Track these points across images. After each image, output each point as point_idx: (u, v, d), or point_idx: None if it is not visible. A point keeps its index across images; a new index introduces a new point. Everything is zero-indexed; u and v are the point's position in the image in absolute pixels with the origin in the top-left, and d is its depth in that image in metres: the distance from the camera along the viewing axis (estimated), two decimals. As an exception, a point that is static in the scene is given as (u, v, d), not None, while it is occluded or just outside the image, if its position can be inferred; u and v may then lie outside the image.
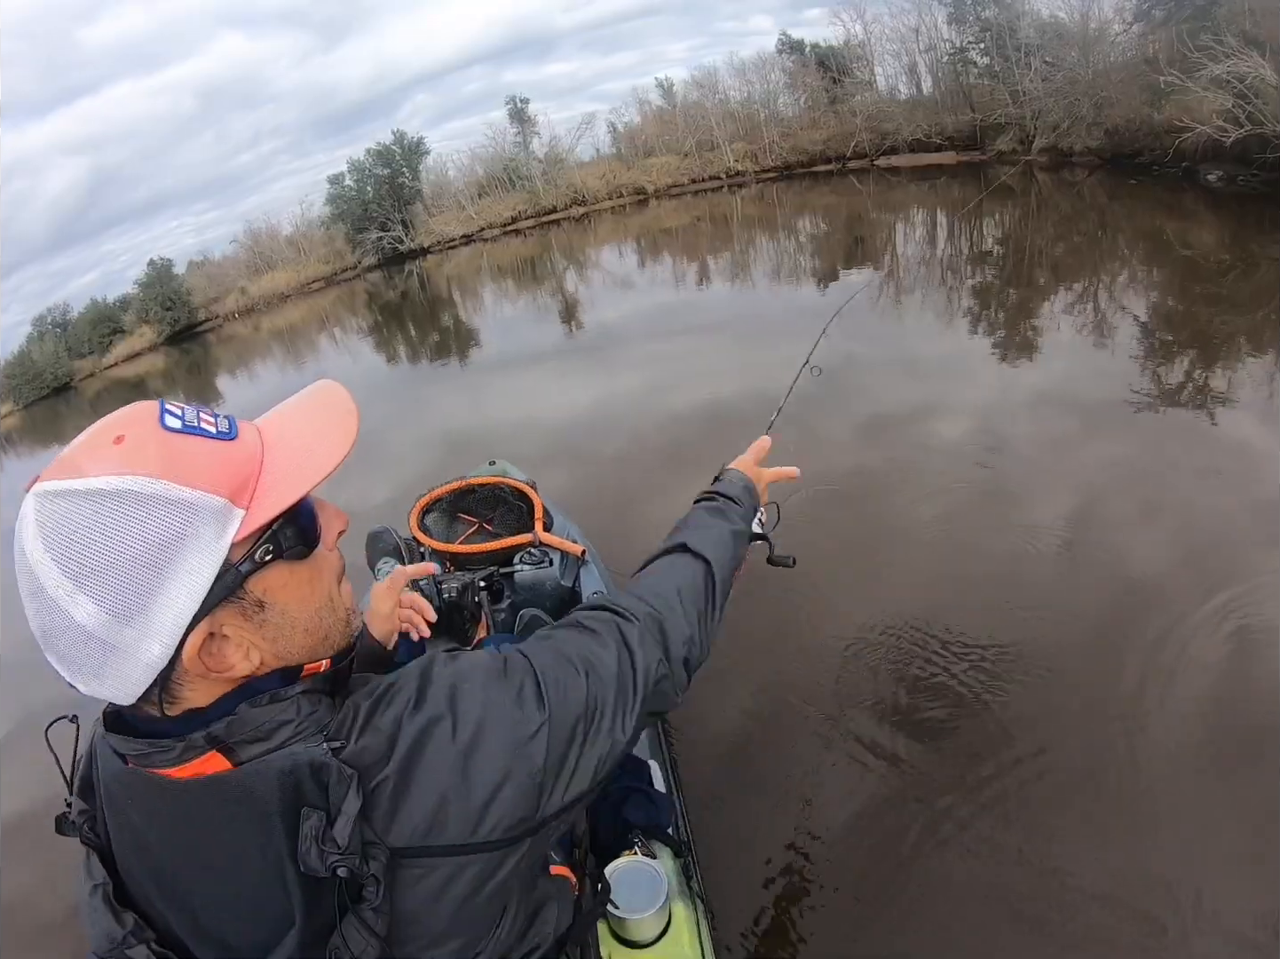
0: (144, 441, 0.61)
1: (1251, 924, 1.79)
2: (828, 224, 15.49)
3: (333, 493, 0.72)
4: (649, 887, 1.36)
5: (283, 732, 0.66)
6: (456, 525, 2.86)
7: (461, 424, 7.06)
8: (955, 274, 9.38)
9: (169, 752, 0.65)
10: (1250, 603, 2.72)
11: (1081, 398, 4.72)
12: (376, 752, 0.67)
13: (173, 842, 0.67)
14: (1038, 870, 1.95)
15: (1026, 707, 2.47)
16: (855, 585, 3.25)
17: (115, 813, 0.71)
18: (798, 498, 3.73)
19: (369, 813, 0.65)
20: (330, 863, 0.61)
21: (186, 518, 0.60)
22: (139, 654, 0.60)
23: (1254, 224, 8.75)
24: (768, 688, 2.76)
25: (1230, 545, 3.07)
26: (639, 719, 0.83)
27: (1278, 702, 2.30)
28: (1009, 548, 3.34)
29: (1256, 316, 5.69)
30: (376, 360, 13.29)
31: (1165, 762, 2.22)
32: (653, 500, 4.23)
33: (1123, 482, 3.72)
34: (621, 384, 7.07)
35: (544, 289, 15.90)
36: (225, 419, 0.68)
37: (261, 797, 0.63)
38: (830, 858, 2.12)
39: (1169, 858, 1.96)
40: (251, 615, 0.66)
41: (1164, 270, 7.86)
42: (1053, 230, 11.05)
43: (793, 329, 6.24)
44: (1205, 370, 4.95)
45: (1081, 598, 2.95)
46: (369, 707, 0.70)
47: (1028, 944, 1.83)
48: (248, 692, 0.67)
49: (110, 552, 0.58)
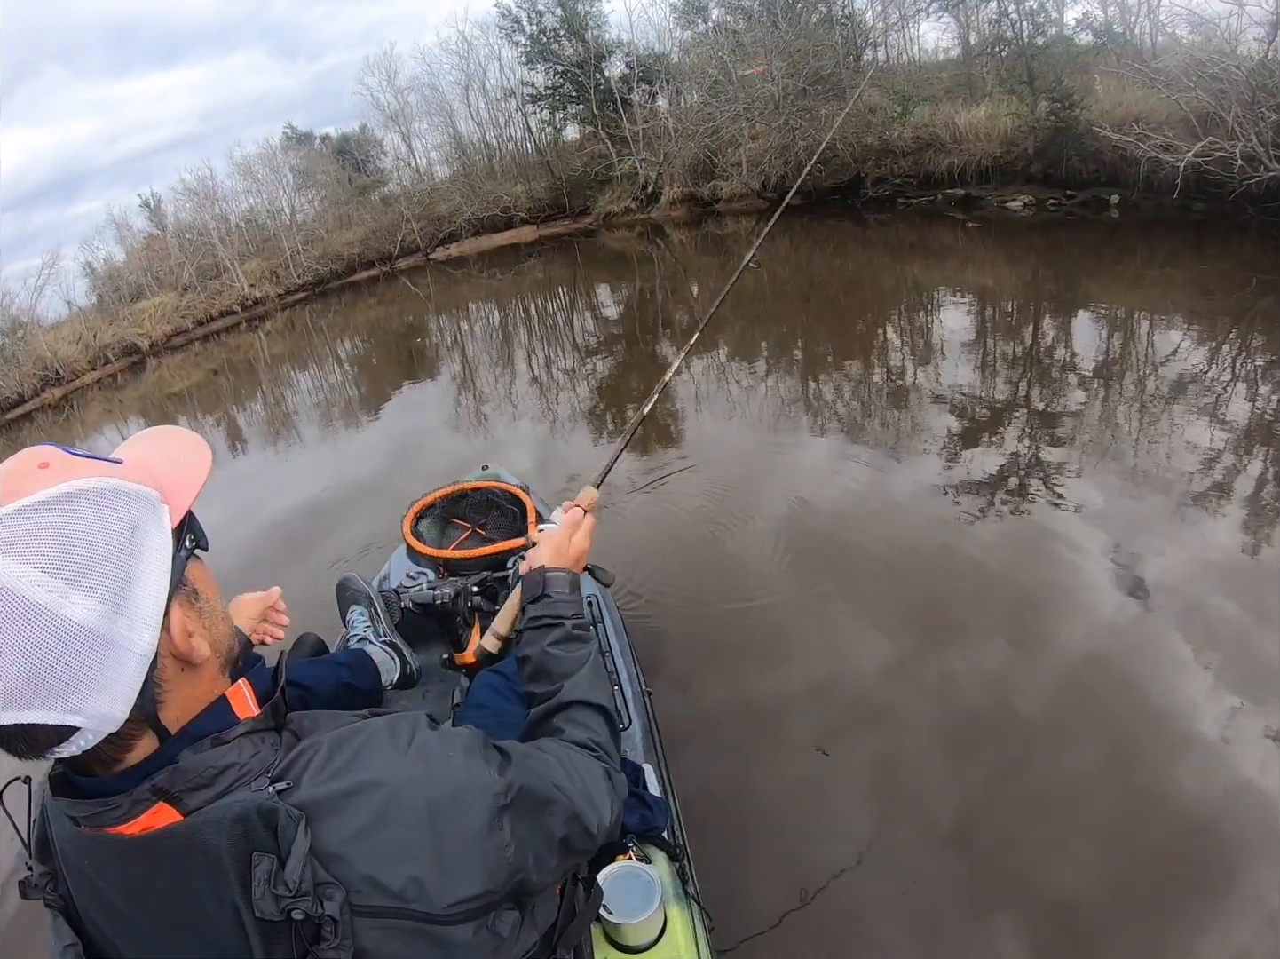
0: (68, 461, 0.63)
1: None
2: (373, 342, 13.23)
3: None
4: (643, 891, 1.35)
5: (227, 775, 0.66)
6: (450, 531, 2.89)
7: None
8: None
9: (117, 809, 0.64)
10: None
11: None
12: (333, 802, 0.66)
13: (132, 898, 0.67)
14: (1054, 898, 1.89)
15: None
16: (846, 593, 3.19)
17: (73, 873, 0.70)
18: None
19: (324, 859, 0.64)
20: (284, 906, 0.61)
21: (141, 507, 0.64)
22: (133, 645, 0.61)
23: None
24: (760, 691, 2.72)
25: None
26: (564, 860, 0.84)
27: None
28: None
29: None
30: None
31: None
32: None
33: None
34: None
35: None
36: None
37: (213, 845, 0.63)
38: (826, 860, 2.08)
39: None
40: (193, 603, 0.69)
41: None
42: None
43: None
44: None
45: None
46: (328, 752, 0.70)
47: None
48: (188, 736, 0.67)
49: (91, 545, 0.59)
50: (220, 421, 10.58)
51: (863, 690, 2.64)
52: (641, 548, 3.67)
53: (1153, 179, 8.20)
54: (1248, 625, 2.59)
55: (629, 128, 16.12)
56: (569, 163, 17.87)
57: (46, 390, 18.49)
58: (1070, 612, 2.81)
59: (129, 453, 0.72)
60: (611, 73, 17.06)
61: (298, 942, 0.63)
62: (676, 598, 3.26)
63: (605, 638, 2.12)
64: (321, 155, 20.80)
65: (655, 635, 3.02)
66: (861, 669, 2.73)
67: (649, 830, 1.53)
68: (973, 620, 2.88)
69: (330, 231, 18.85)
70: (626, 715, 1.88)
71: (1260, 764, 2.12)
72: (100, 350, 18.95)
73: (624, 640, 2.23)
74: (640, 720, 1.89)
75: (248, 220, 19.99)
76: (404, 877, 0.66)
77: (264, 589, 1.38)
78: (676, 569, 3.49)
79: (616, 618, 2.34)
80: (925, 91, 12.67)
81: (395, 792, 0.68)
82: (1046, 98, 9.93)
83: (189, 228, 20.30)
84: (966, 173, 11.06)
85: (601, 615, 2.23)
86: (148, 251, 20.82)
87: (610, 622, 2.23)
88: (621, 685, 1.97)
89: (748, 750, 2.47)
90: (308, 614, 3.61)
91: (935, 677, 2.64)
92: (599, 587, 2.47)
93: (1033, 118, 10.19)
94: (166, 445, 0.75)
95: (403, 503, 2.81)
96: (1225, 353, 5.11)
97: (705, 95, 14.81)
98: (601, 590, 2.39)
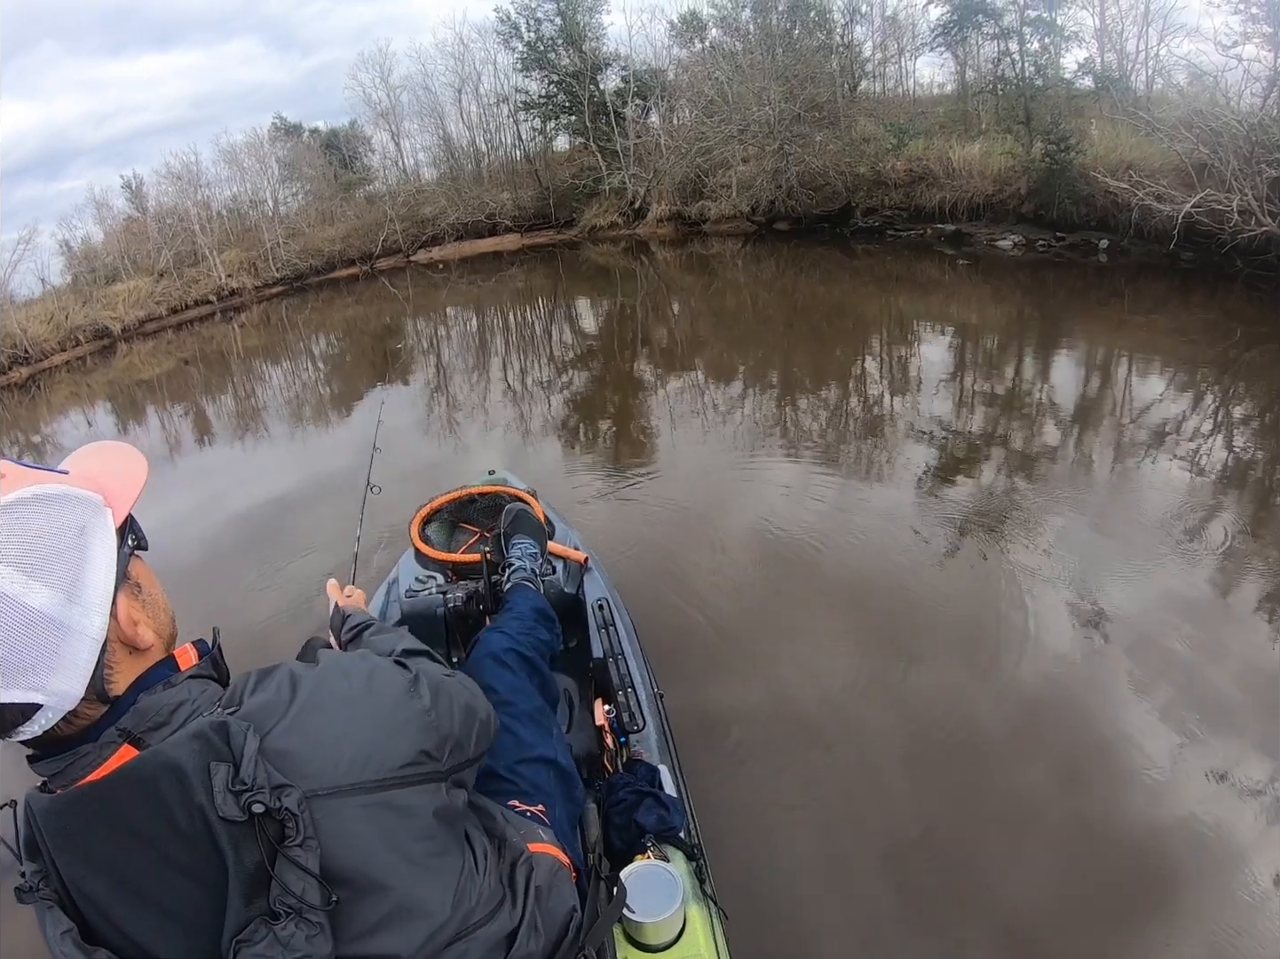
0: (21, 472, 0.69)
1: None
2: (349, 343, 12.76)
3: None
4: (665, 890, 1.33)
5: (181, 711, 0.74)
6: (458, 535, 2.88)
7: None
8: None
9: (86, 757, 0.70)
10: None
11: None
12: (270, 706, 0.74)
13: (115, 847, 0.70)
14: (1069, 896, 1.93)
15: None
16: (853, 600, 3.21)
17: (59, 847, 0.72)
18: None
19: (273, 759, 0.70)
20: (244, 802, 0.65)
21: (87, 510, 0.72)
22: (86, 629, 0.69)
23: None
24: (775, 689, 2.73)
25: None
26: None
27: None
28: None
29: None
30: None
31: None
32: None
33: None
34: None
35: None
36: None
37: (174, 762, 0.68)
38: (841, 856, 2.09)
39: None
40: (136, 595, 0.77)
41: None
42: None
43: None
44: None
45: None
46: (258, 674, 0.79)
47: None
48: (142, 686, 0.74)
49: (47, 542, 0.67)
50: (188, 412, 10.38)
51: (818, 707, 2.66)
52: (606, 557, 3.59)
53: (1143, 226, 8.11)
54: (1200, 662, 2.63)
55: (620, 141, 15.95)
56: (557, 173, 17.63)
57: (14, 369, 17.80)
58: (1028, 639, 2.83)
59: (74, 465, 0.79)
60: (606, 85, 16.89)
61: (263, 839, 0.67)
62: (639, 609, 3.13)
63: (616, 640, 2.11)
64: (309, 148, 20.27)
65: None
66: (820, 686, 2.75)
67: (666, 830, 1.53)
68: (935, 643, 2.87)
69: (312, 226, 18.42)
70: (640, 718, 1.86)
71: (1203, 793, 2.17)
72: (71, 331, 18.27)
73: (635, 643, 2.19)
74: (654, 722, 1.87)
75: (230, 209, 19.49)
76: (347, 754, 0.74)
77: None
78: (635, 580, 3.36)
79: (627, 621, 2.30)
80: (920, 125, 12.60)
81: (317, 683, 0.78)
82: (1042, 139, 9.85)
83: (170, 212, 19.76)
84: (958, 209, 10.96)
85: (612, 618, 2.21)
86: (126, 234, 20.24)
87: (621, 624, 2.20)
88: (635, 688, 1.96)
89: (761, 751, 2.46)
90: (298, 607, 3.47)
91: (893, 696, 2.66)
92: (607, 586, 2.45)
93: (1027, 158, 10.11)
94: (107, 458, 0.83)
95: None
96: (1205, 401, 5.02)
97: (700, 114, 14.64)
98: (611, 592, 2.42)
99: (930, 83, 14.96)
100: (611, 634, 2.13)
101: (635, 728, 1.82)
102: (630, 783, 1.58)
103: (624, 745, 1.79)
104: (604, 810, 1.50)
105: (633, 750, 1.76)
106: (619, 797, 1.52)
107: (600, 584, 2.46)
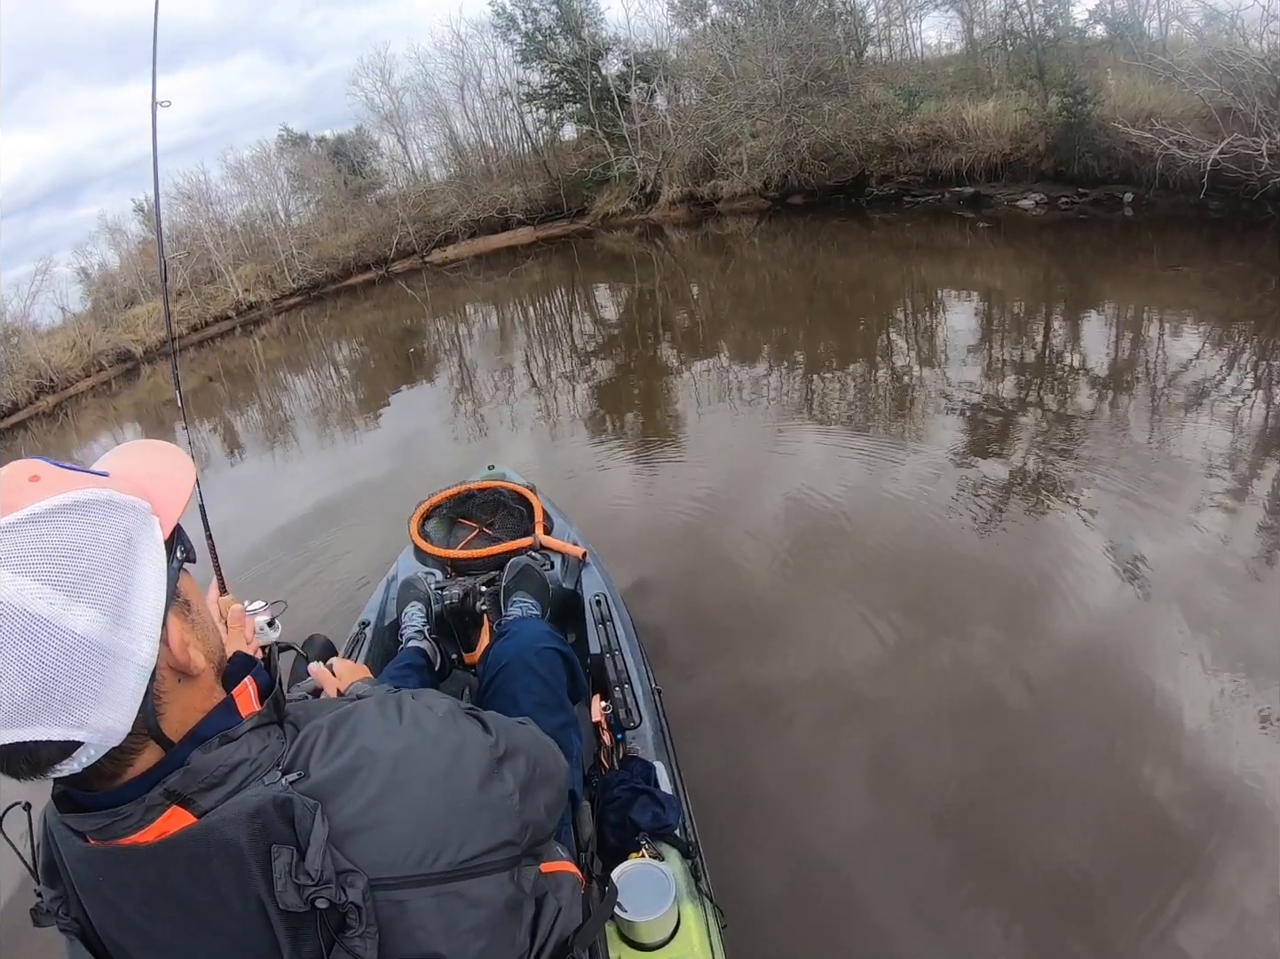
0: (59, 475, 0.62)
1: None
2: (370, 346, 12.70)
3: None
4: (657, 888, 1.34)
5: (239, 772, 0.66)
6: (457, 531, 2.87)
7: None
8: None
9: (129, 818, 0.64)
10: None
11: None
12: (343, 779, 0.67)
13: (153, 909, 0.66)
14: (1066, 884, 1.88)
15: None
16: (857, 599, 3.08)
17: (88, 893, 0.69)
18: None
19: (339, 841, 0.64)
20: (307, 895, 0.61)
21: (133, 519, 0.63)
22: (134, 656, 0.60)
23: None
24: (771, 682, 2.69)
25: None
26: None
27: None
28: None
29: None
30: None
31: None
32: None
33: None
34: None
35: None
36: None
37: (232, 842, 0.63)
38: (839, 855, 2.07)
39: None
40: (185, 614, 0.68)
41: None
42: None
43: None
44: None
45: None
46: (330, 728, 0.71)
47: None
48: (196, 739, 0.66)
49: (90, 556, 0.59)
50: (217, 428, 10.39)
51: (861, 679, 2.64)
52: (645, 540, 3.69)
53: (1168, 176, 7.93)
54: (1246, 621, 2.57)
55: (626, 126, 15.85)
56: (566, 163, 17.58)
57: (40, 398, 18.24)
58: (1067, 602, 2.80)
59: (114, 466, 0.70)
60: (608, 71, 16.78)
61: (324, 931, 0.63)
62: (677, 588, 3.23)
63: (614, 636, 2.10)
64: (317, 158, 20.48)
65: (658, 630, 2.98)
66: (860, 658, 2.74)
67: (661, 828, 1.52)
68: (972, 609, 2.86)
69: (325, 235, 18.58)
70: (637, 713, 1.86)
71: (1250, 747, 2.13)
72: (94, 357, 18.78)
73: (633, 639, 2.19)
74: (650, 718, 1.87)
75: (243, 224, 19.70)
76: (422, 842, 0.67)
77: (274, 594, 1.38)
78: (674, 560, 3.45)
79: (625, 616, 2.29)
80: (931, 87, 12.38)
81: (398, 758, 0.70)
82: (1058, 92, 9.65)
83: (183, 232, 19.98)
84: (975, 170, 10.78)
85: (610, 614, 2.20)
86: (142, 256, 20.53)
87: (619, 620, 2.20)
88: (631, 684, 1.96)
89: (758, 747, 2.44)
90: (316, 611, 3.47)
91: (931, 666, 2.63)
92: (605, 582, 2.41)
93: (1043, 113, 9.91)
94: (149, 458, 0.75)
95: (405, 504, 2.73)
96: (1242, 356, 4.89)
97: (705, 93, 14.50)
98: (609, 587, 2.39)
99: (938, 43, 14.64)
100: (609, 629, 2.12)
101: (631, 724, 1.82)
102: (625, 780, 1.57)
103: (620, 741, 1.80)
104: (598, 808, 1.51)
105: (629, 747, 1.77)
106: (614, 794, 1.52)
107: (598, 579, 2.44)
